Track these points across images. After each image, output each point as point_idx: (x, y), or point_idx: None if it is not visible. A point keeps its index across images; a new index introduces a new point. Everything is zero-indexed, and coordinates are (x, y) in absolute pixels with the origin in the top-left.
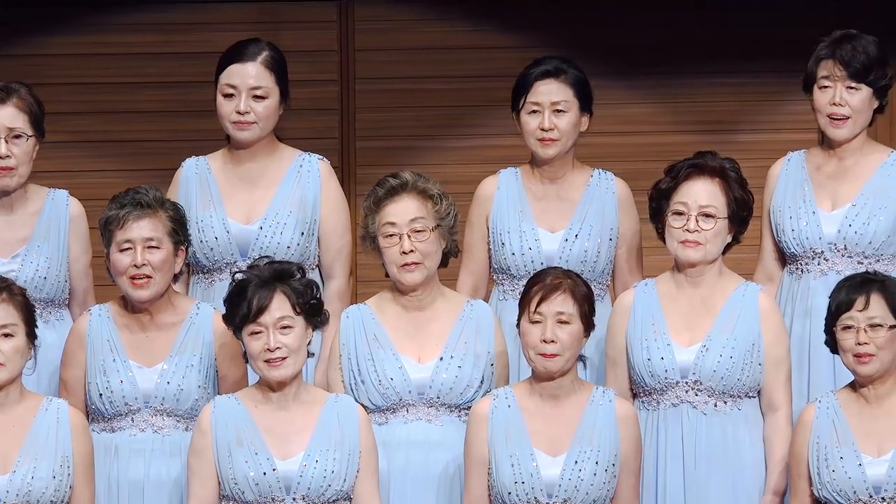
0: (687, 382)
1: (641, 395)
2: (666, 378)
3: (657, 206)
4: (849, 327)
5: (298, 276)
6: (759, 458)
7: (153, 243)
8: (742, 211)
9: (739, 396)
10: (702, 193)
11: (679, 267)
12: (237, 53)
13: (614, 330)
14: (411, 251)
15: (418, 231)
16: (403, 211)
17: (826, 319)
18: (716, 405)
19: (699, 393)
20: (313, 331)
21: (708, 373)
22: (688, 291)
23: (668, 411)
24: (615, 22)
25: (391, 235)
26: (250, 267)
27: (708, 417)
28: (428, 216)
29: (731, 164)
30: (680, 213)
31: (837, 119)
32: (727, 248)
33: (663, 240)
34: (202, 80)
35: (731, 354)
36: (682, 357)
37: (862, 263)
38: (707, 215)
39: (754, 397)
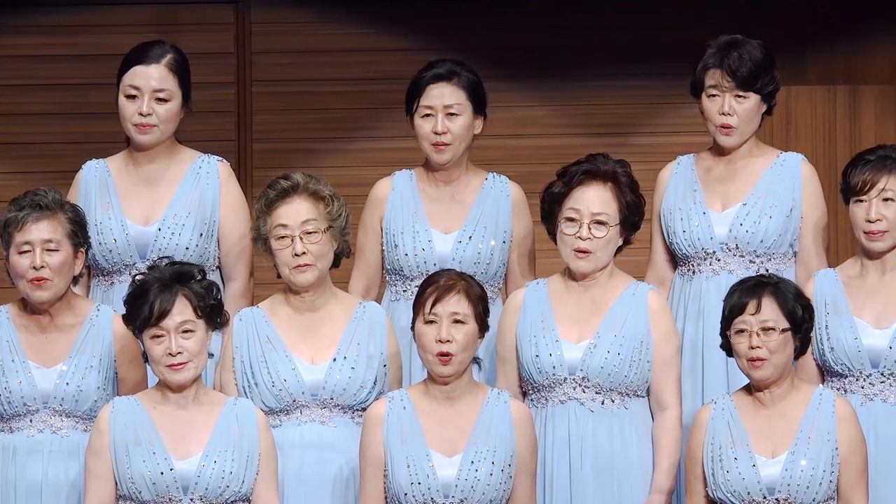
0: (574, 379)
1: (531, 392)
2: (554, 374)
3: (549, 209)
4: (742, 331)
5: (199, 277)
6: (646, 458)
7: (52, 245)
8: (634, 216)
9: (627, 395)
10: (594, 200)
11: (571, 273)
12: (141, 55)
13: (504, 328)
14: (303, 253)
15: (310, 233)
16: (295, 213)
17: (720, 323)
18: (603, 403)
19: (586, 390)
20: (213, 332)
21: (595, 369)
22: (578, 291)
23: (556, 408)
24: (509, 25)
25: (283, 237)
26: (150, 268)
27: (595, 415)
28: (320, 218)
29: (624, 169)
30: (572, 220)
31: (726, 128)
32: (619, 249)
33: (555, 241)
34: (100, 81)
35: (618, 351)
36: (571, 354)
37: (754, 262)
38: (599, 223)
39: (643, 396)
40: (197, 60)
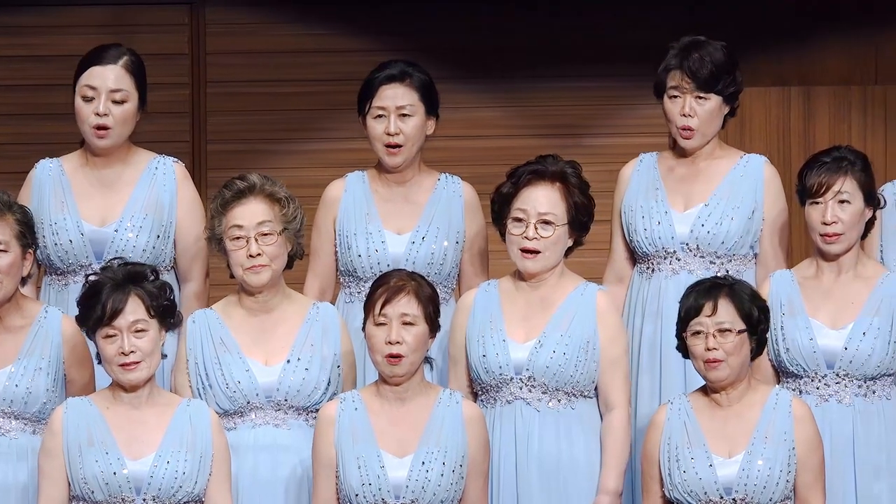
0: (521, 379)
1: (480, 392)
2: (500, 374)
3: (499, 210)
4: (698, 332)
5: (152, 278)
6: (593, 459)
7: (0, 247)
8: (582, 216)
9: (574, 395)
10: (541, 200)
11: (520, 274)
12: (98, 56)
13: (455, 328)
14: (258, 254)
15: (265, 234)
16: (251, 214)
17: (676, 324)
18: (549, 403)
19: (533, 389)
20: (166, 332)
21: (541, 369)
22: (527, 291)
23: (503, 408)
24: (463, 26)
25: (238, 238)
26: (103, 269)
27: (542, 415)
28: (275, 220)
29: (573, 170)
30: (519, 220)
31: (687, 130)
32: (569, 251)
33: (504, 240)
34: (53, 83)
35: (564, 351)
36: (517, 353)
37: (714, 263)
38: (546, 222)
39: (590, 397)
40: (151, 61)
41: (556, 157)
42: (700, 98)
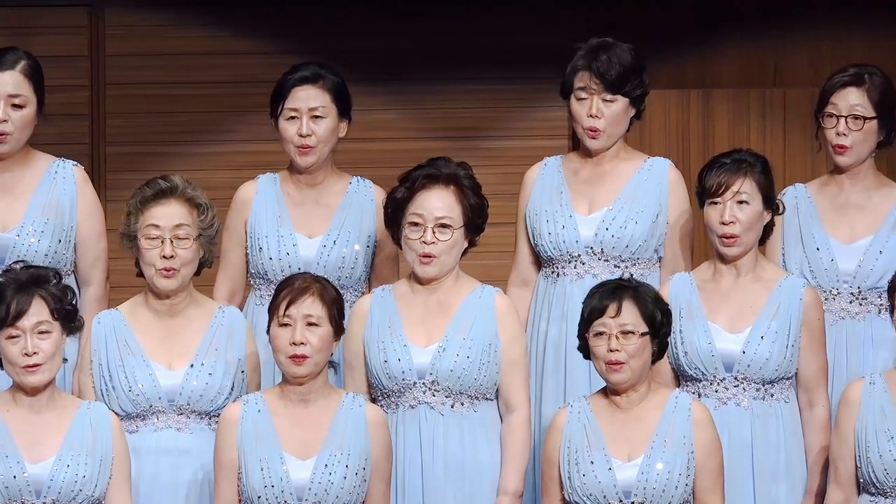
0: (424, 383)
1: (380, 398)
2: (403, 379)
3: (393, 214)
4: (601, 334)
5: (55, 281)
6: (497, 461)
7: None
8: (477, 218)
9: (477, 398)
10: (437, 204)
11: (416, 277)
12: None
13: (351, 335)
14: (171, 256)
15: (181, 238)
16: (169, 215)
17: (579, 325)
18: (453, 406)
19: (436, 393)
20: (67, 336)
21: (445, 373)
22: (424, 295)
23: (406, 413)
24: (362, 28)
25: (154, 238)
26: (5, 271)
27: (445, 419)
28: (192, 224)
29: (466, 171)
30: (416, 225)
31: (593, 131)
32: (464, 252)
33: (401, 246)
34: None
35: (468, 355)
36: (420, 358)
37: (619, 267)
38: (443, 226)
39: (492, 399)
40: (50, 64)
41: (448, 159)
42: (607, 99)
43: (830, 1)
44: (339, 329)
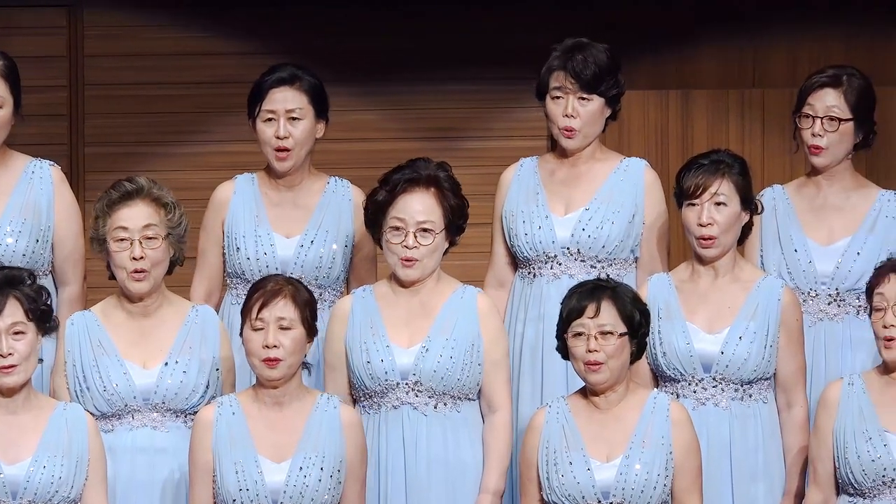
0: (407, 384)
1: (362, 399)
2: (386, 380)
3: (373, 217)
4: (579, 334)
5: (29, 282)
6: (479, 461)
7: None
8: (458, 219)
9: (459, 398)
10: (418, 208)
11: (398, 279)
12: None
13: (332, 336)
14: (141, 258)
15: (150, 238)
16: (136, 216)
17: (557, 325)
18: (436, 406)
19: (419, 394)
20: (43, 337)
21: (428, 373)
22: (406, 296)
23: (389, 414)
24: (341, 28)
25: (122, 240)
26: None
27: (428, 419)
28: (160, 224)
29: (445, 172)
30: (397, 229)
31: (569, 131)
32: (444, 252)
33: (381, 247)
34: None
35: (451, 355)
36: (402, 359)
37: (595, 268)
38: (425, 230)
39: (474, 400)
40: (29, 64)
41: (427, 159)
42: (583, 99)
43: (809, 2)
44: (311, 331)
